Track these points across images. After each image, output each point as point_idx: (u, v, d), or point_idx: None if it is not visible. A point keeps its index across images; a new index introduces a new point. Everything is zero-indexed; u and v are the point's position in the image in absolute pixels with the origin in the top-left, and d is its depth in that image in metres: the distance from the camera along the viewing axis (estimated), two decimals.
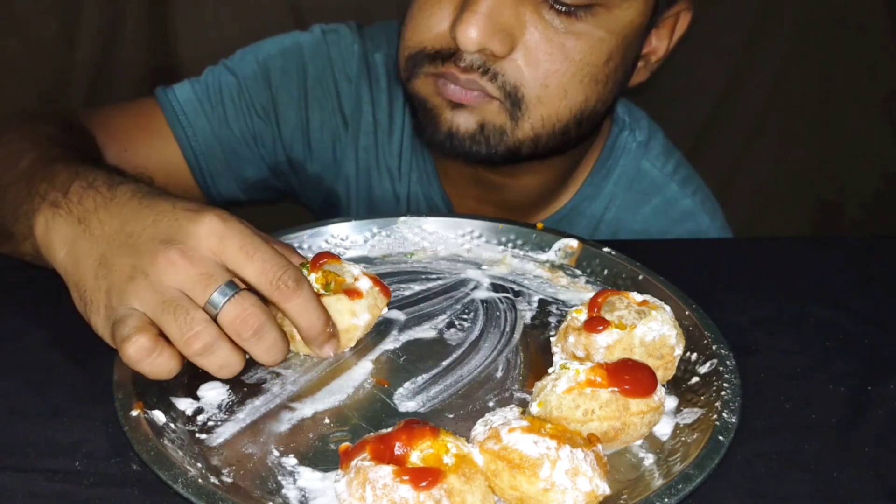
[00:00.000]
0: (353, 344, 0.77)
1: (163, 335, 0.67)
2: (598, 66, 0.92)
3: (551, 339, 0.77)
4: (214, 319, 0.67)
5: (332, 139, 1.16)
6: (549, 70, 0.91)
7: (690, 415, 0.68)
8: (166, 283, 0.67)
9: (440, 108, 0.95)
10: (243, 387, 0.72)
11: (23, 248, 0.80)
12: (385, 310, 0.79)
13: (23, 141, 0.89)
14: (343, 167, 1.17)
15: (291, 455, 0.65)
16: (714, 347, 0.74)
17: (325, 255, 0.79)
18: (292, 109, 1.14)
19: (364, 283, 0.77)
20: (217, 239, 0.68)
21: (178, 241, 0.68)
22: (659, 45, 1.02)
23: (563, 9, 0.89)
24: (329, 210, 1.23)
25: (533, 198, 1.11)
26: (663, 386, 0.70)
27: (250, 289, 0.69)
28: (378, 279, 0.79)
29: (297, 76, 1.14)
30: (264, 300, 0.70)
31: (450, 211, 1.14)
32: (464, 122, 0.94)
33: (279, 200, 1.28)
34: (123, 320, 0.66)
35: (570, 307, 0.82)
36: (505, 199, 1.10)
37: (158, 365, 0.66)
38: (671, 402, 0.71)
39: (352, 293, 0.76)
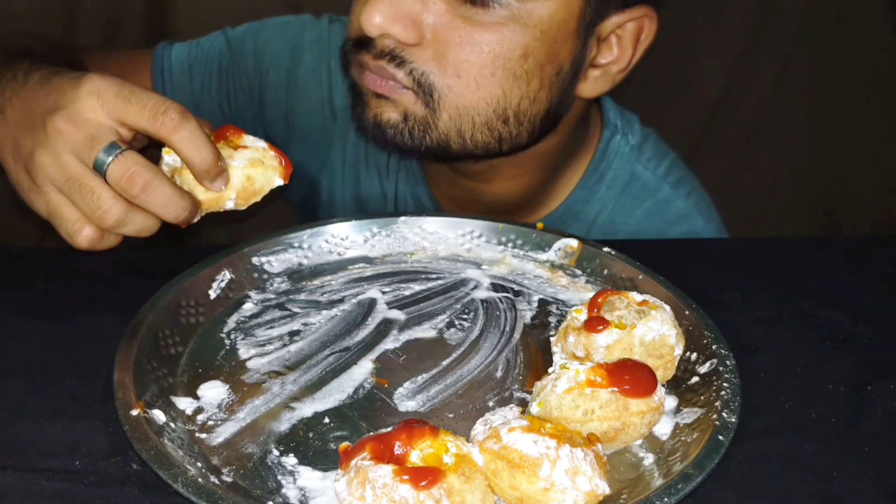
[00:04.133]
0: (231, 194, 0.76)
1: None
2: (513, 60, 0.90)
3: (551, 339, 0.77)
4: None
5: (320, 128, 1.17)
6: (457, 60, 0.89)
7: (690, 414, 0.68)
8: (59, 152, 0.71)
9: (368, 96, 0.95)
10: (243, 386, 0.72)
11: None
12: (278, 179, 0.78)
13: None
14: (329, 159, 1.17)
15: (291, 454, 0.65)
16: (714, 347, 0.74)
17: (229, 128, 0.79)
18: (278, 92, 1.15)
19: (259, 143, 0.79)
20: (95, 96, 0.71)
21: (62, 107, 0.72)
22: (621, 55, 0.98)
23: None
24: (312, 204, 1.22)
25: (513, 203, 1.10)
26: (663, 386, 0.70)
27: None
28: (282, 153, 0.79)
29: (292, 61, 1.15)
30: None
31: (437, 211, 1.14)
32: (387, 111, 0.94)
33: None
34: (57, 214, 0.73)
35: (570, 307, 0.82)
36: (484, 202, 1.10)
37: (110, 243, 0.74)
38: (671, 402, 0.71)
39: (238, 147, 0.77)
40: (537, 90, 0.94)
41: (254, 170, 0.76)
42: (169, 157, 0.75)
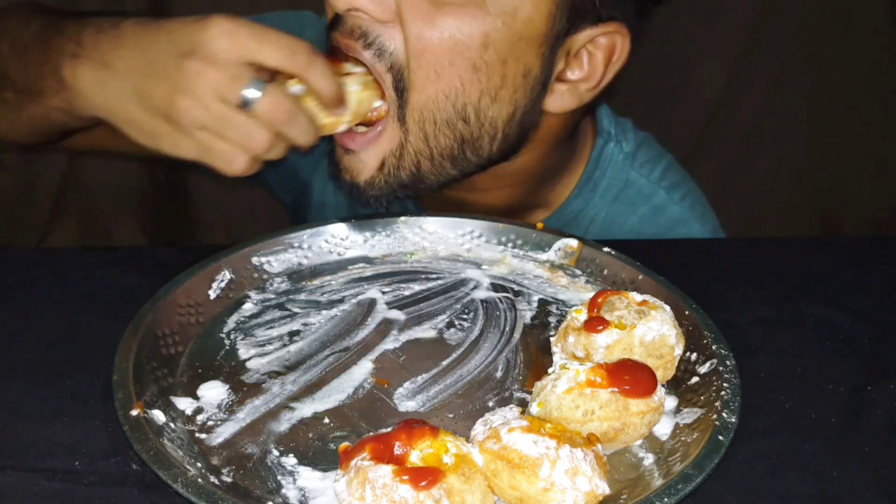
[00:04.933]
0: (347, 118, 0.87)
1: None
2: (473, 49, 0.88)
3: (551, 339, 0.77)
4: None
5: None
6: (418, 46, 0.87)
7: (690, 415, 0.68)
8: (202, 94, 0.76)
9: (339, 153, 0.95)
10: (243, 386, 0.72)
11: (53, 102, 0.87)
12: (378, 100, 0.89)
13: (24, 12, 0.97)
14: (322, 162, 1.17)
15: (291, 455, 0.65)
16: (714, 347, 0.74)
17: (328, 57, 0.85)
18: None
19: (358, 69, 0.89)
20: (229, 37, 0.76)
21: (196, 50, 0.76)
22: (592, 72, 0.95)
23: None
24: (302, 206, 1.22)
25: (505, 214, 1.08)
26: (663, 386, 0.70)
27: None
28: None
29: None
30: None
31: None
32: (363, 172, 0.94)
33: (252, 184, 1.29)
34: (209, 150, 0.79)
35: (570, 307, 0.82)
36: (471, 213, 1.08)
37: (257, 168, 0.81)
38: (671, 402, 0.71)
39: (342, 74, 0.87)
40: (499, 87, 0.91)
41: (364, 93, 0.86)
42: (295, 88, 0.82)
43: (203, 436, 0.66)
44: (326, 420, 0.69)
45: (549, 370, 0.68)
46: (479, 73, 0.90)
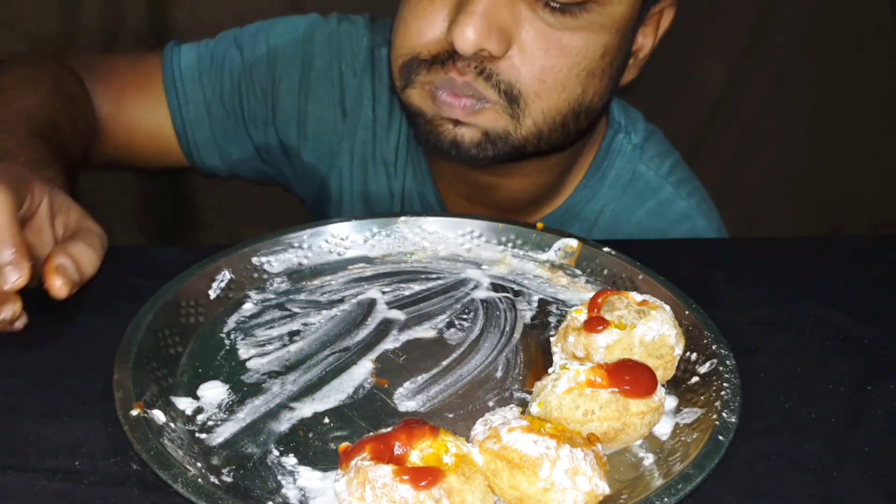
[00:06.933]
0: None
1: None
2: (595, 61, 0.93)
3: (551, 339, 0.77)
4: None
5: (330, 130, 1.17)
6: (545, 66, 0.91)
7: (690, 415, 0.68)
8: None
9: (440, 119, 0.95)
10: (243, 387, 0.72)
11: None
12: None
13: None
14: (338, 159, 1.17)
15: (291, 455, 0.65)
16: (714, 347, 0.74)
17: None
18: (291, 98, 1.15)
19: None
20: None
21: None
22: (645, 42, 1.02)
23: (558, 6, 0.89)
24: (322, 202, 1.23)
25: (525, 200, 1.11)
26: (663, 386, 0.70)
27: None
28: None
29: (303, 66, 1.15)
30: None
31: (443, 210, 1.14)
32: (468, 133, 0.94)
33: (269, 184, 1.29)
34: None
35: (570, 307, 0.82)
36: (496, 200, 1.10)
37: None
38: (671, 402, 0.71)
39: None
40: (606, 86, 0.97)
41: None
42: None
43: (203, 436, 0.66)
44: (326, 420, 0.69)
45: (549, 370, 0.68)
46: (596, 78, 0.94)
